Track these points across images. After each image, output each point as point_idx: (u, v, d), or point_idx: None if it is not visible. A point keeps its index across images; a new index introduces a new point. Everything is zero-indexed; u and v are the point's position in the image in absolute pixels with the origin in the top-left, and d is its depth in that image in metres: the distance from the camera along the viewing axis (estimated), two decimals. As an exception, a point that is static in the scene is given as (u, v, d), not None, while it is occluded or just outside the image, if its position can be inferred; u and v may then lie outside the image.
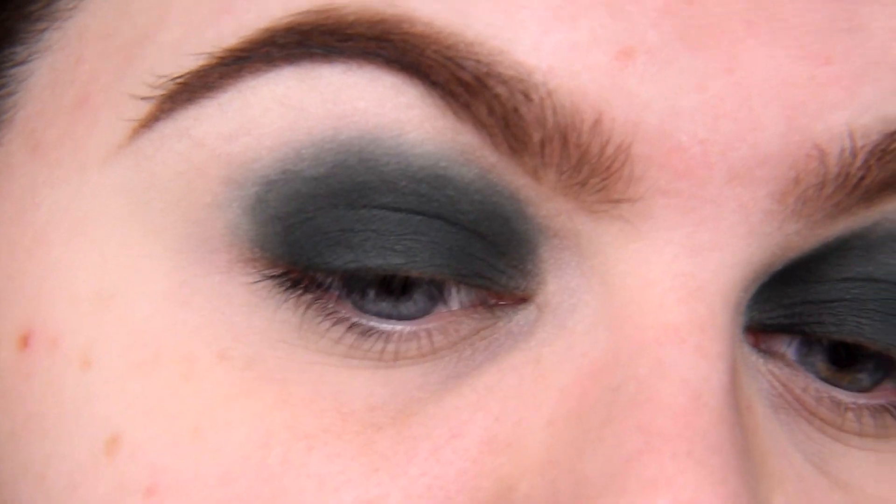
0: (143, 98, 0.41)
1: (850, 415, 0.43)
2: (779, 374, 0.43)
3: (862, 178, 0.40)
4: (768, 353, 0.43)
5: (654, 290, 0.39)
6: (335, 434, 0.39)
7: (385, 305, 0.40)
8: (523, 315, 0.41)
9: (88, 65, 0.42)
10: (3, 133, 0.44)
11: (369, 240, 0.39)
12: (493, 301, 0.41)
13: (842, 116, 0.39)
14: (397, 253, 0.39)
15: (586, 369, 0.40)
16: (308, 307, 0.40)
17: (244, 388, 0.40)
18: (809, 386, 0.43)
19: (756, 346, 0.43)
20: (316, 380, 0.40)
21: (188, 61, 0.40)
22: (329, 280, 0.40)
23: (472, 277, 0.40)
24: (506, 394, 0.40)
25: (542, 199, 0.40)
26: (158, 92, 0.40)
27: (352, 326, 0.40)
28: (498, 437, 0.39)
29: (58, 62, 0.43)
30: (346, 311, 0.40)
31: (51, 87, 0.43)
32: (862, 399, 0.43)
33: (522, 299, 0.41)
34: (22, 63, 0.44)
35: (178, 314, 0.40)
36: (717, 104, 0.39)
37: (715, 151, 0.39)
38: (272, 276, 0.40)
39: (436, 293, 0.40)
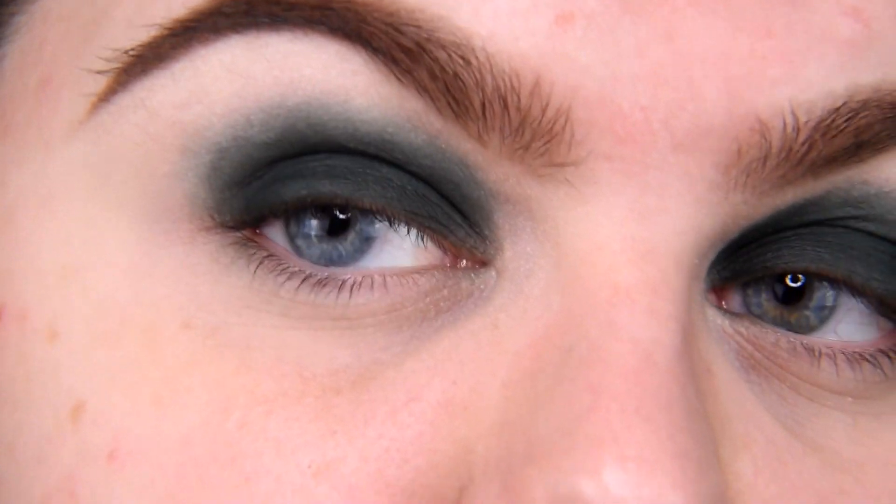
0: (100, 72, 0.41)
1: (825, 362, 0.43)
2: (746, 334, 0.43)
3: (806, 152, 0.40)
4: (734, 314, 0.43)
5: (603, 253, 0.40)
6: (294, 398, 0.40)
7: (327, 248, 0.41)
8: (483, 279, 0.41)
9: (51, 46, 0.43)
10: None
11: (320, 170, 0.40)
12: (453, 262, 0.41)
13: (784, 92, 0.39)
14: (348, 182, 0.40)
15: (541, 332, 0.40)
16: (259, 263, 0.40)
17: (206, 354, 0.40)
18: (780, 339, 0.43)
19: (721, 306, 0.43)
20: (279, 345, 0.40)
21: (140, 33, 0.41)
22: (277, 228, 0.41)
23: (426, 219, 0.40)
24: (463, 358, 0.40)
25: (489, 163, 0.40)
26: (114, 65, 0.41)
27: (306, 278, 0.40)
28: (455, 401, 0.40)
29: (24, 45, 0.44)
30: (297, 264, 0.40)
31: (18, 69, 0.44)
32: (838, 346, 0.43)
33: (483, 262, 0.41)
34: None
35: (142, 285, 0.41)
36: (657, 71, 0.39)
37: (656, 119, 0.39)
38: (232, 245, 0.41)
39: (382, 232, 0.41)
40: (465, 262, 0.41)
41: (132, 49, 0.41)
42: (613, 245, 0.40)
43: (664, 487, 0.37)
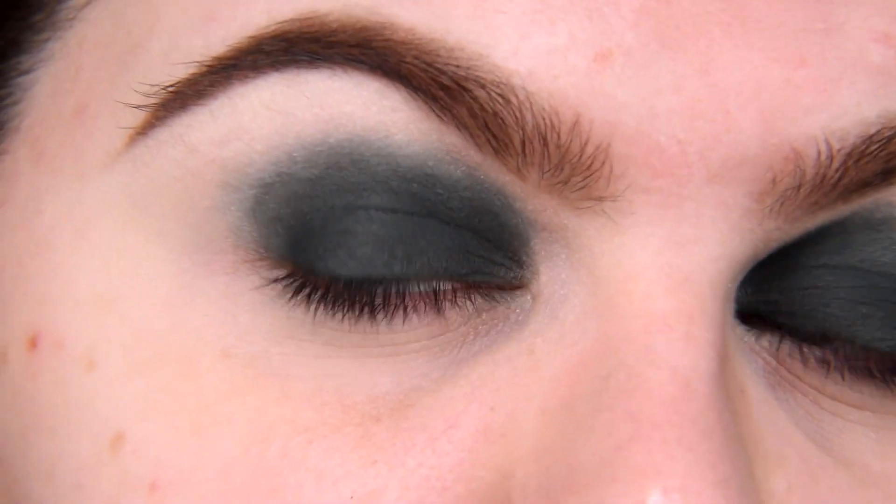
0: (138, 106, 0.42)
1: (834, 374, 0.44)
2: (768, 347, 0.43)
3: (839, 179, 0.40)
4: (756, 331, 0.43)
5: (639, 281, 0.40)
6: (334, 427, 0.40)
7: (393, 304, 0.41)
8: (520, 302, 0.42)
9: (87, 73, 0.44)
10: (10, 141, 0.45)
11: (370, 244, 0.40)
12: (485, 289, 0.42)
13: (818, 120, 0.40)
14: (398, 260, 0.40)
15: (576, 359, 0.41)
16: (317, 307, 0.41)
17: (246, 384, 0.41)
18: (793, 350, 0.43)
19: (751, 325, 0.43)
20: (320, 374, 0.41)
21: (178, 70, 0.41)
22: (333, 285, 0.41)
23: (471, 275, 0.41)
24: (500, 385, 0.41)
25: (527, 195, 0.40)
26: (152, 100, 0.41)
27: (362, 312, 0.41)
28: (493, 427, 0.40)
29: (58, 71, 0.44)
30: (355, 300, 0.41)
31: (52, 95, 0.44)
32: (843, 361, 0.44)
33: (517, 287, 0.42)
34: (27, 72, 0.45)
35: (181, 315, 0.42)
36: (693, 105, 0.39)
37: (693, 151, 0.39)
38: (279, 279, 0.41)
39: (435, 301, 0.41)
40: (500, 289, 0.42)
41: (170, 85, 0.41)
42: (649, 274, 0.40)
43: None
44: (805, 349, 0.44)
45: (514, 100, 0.39)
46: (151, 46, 0.42)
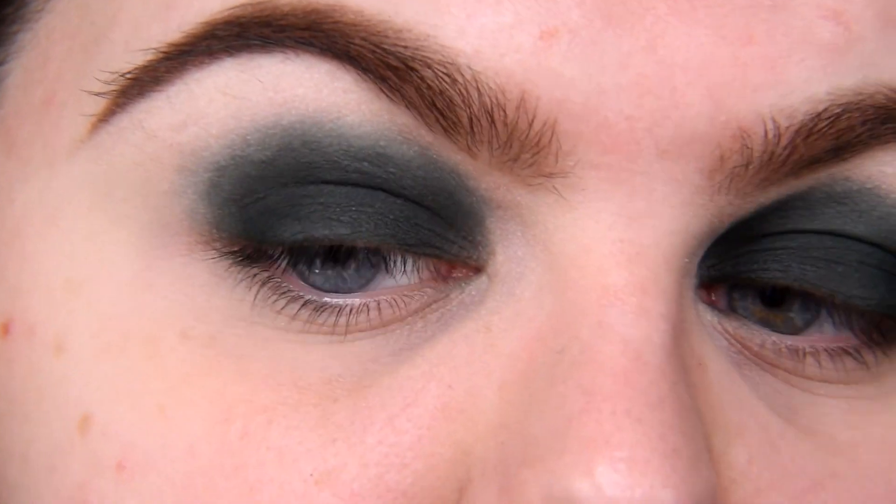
0: (99, 94, 0.42)
1: (809, 359, 0.44)
2: (734, 333, 0.44)
3: (788, 156, 0.41)
4: (722, 311, 0.44)
5: (592, 256, 0.41)
6: (292, 407, 0.41)
7: (331, 275, 0.41)
8: (475, 286, 0.42)
9: (54, 64, 0.44)
10: None
11: (316, 212, 0.41)
12: (446, 273, 0.42)
13: (766, 97, 0.40)
14: (343, 223, 0.41)
15: (533, 334, 0.41)
16: (262, 285, 0.42)
17: (205, 365, 0.42)
18: (766, 340, 0.44)
19: (711, 303, 0.44)
20: (273, 355, 0.42)
21: (137, 57, 0.42)
22: (279, 253, 0.41)
23: (420, 246, 0.41)
24: (457, 362, 0.41)
25: (479, 173, 0.41)
26: (112, 87, 0.42)
27: (305, 303, 0.41)
28: (451, 405, 0.41)
29: (29, 62, 0.45)
30: (298, 287, 0.42)
31: (23, 86, 0.45)
32: (821, 343, 0.44)
33: (476, 269, 0.42)
34: (1, 64, 0.46)
35: (143, 297, 0.42)
36: (640, 82, 0.40)
37: (641, 128, 0.40)
38: (229, 252, 0.42)
39: (378, 262, 0.42)
40: (458, 272, 0.42)
41: (129, 72, 0.42)
42: (602, 248, 0.41)
43: (655, 487, 0.38)
44: (775, 339, 0.44)
45: (460, 79, 0.39)
46: (113, 35, 0.43)
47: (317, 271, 0.42)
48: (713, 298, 0.44)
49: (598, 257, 0.41)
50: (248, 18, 0.40)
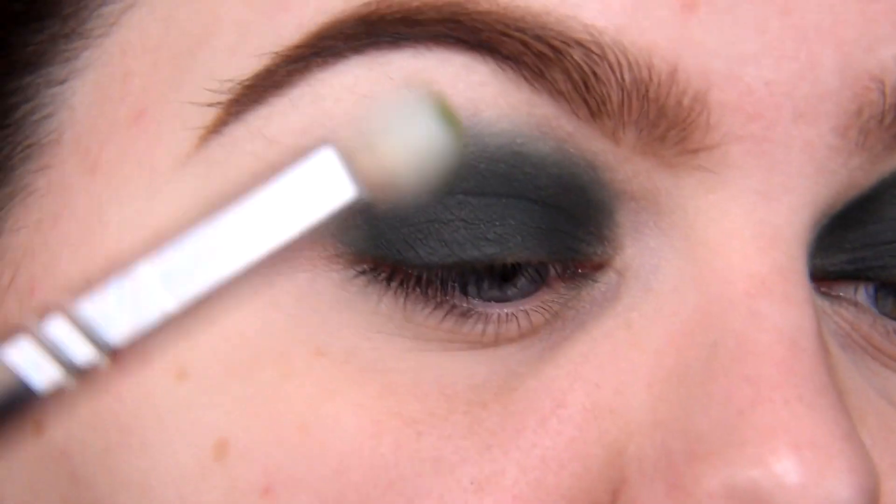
0: (208, 105, 0.41)
1: None
2: (845, 315, 0.44)
3: None
4: (832, 297, 0.44)
5: (735, 241, 0.40)
6: (442, 417, 0.40)
7: (489, 290, 0.40)
8: (603, 282, 0.41)
9: (138, 79, 0.42)
10: (51, 155, 0.44)
11: (460, 230, 0.39)
12: (570, 271, 0.41)
13: (890, 49, 0.41)
14: (490, 242, 0.39)
15: (678, 328, 0.40)
16: (406, 297, 0.40)
17: (345, 380, 0.40)
18: (877, 321, 0.44)
19: (819, 290, 0.43)
20: (416, 366, 0.40)
21: (251, 62, 0.40)
22: (424, 273, 0.40)
23: (562, 252, 0.40)
24: (601, 361, 0.40)
25: (619, 161, 0.40)
26: (224, 97, 0.40)
27: (451, 309, 0.40)
28: (600, 404, 0.40)
29: (102, 79, 0.43)
30: (447, 295, 0.40)
31: (99, 104, 0.43)
32: None
33: (599, 265, 0.41)
34: (61, 83, 0.44)
35: (269, 316, 0.41)
36: (777, 46, 0.40)
37: (780, 92, 0.40)
38: (362, 272, 0.40)
39: (536, 276, 0.41)
40: (583, 268, 0.41)
41: (245, 79, 0.40)
42: (744, 232, 0.40)
43: (842, 471, 0.38)
44: (879, 322, 0.44)
45: (611, 57, 0.38)
46: (214, 43, 0.41)
47: (472, 286, 0.40)
48: (822, 287, 0.44)
49: (741, 243, 0.40)
50: (378, 16, 0.39)
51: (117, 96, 0.43)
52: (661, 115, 0.39)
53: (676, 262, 0.41)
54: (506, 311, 0.40)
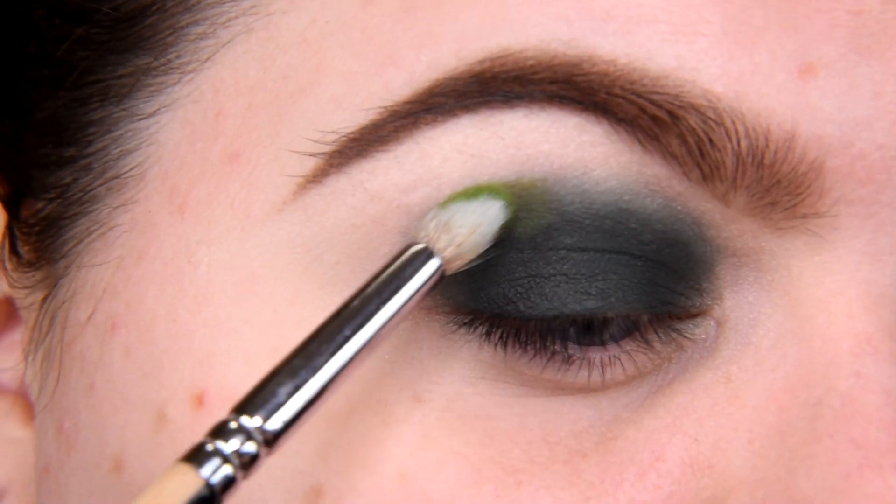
0: (310, 154, 0.40)
1: None
2: None
3: None
4: None
5: (840, 300, 0.40)
6: (543, 466, 0.40)
7: (586, 336, 0.40)
8: (703, 328, 0.41)
9: (231, 120, 0.42)
10: (137, 190, 0.43)
11: (562, 284, 0.39)
12: (665, 323, 0.41)
13: None
14: (592, 296, 0.39)
15: (779, 384, 0.40)
16: (507, 344, 0.40)
17: (446, 428, 0.40)
18: None
19: None
20: (521, 412, 0.40)
21: (357, 116, 0.40)
22: (524, 326, 0.40)
23: (658, 305, 0.40)
24: (700, 414, 0.40)
25: (727, 221, 0.40)
26: (327, 147, 0.40)
27: (552, 356, 0.40)
28: (699, 459, 0.40)
29: (192, 116, 0.42)
30: (547, 344, 0.40)
31: (188, 142, 0.43)
32: None
33: (697, 314, 0.41)
34: (147, 117, 0.43)
35: (368, 363, 0.40)
36: (891, 109, 0.39)
37: (891, 156, 0.40)
38: (462, 324, 0.40)
39: (631, 326, 0.40)
40: (681, 318, 0.41)
41: (351, 132, 0.39)
42: (850, 291, 0.40)
43: None
44: None
45: (727, 123, 0.38)
46: (318, 92, 0.40)
47: (572, 338, 0.40)
48: None
49: (846, 302, 0.40)
50: (492, 74, 0.38)
51: (209, 135, 0.42)
52: (775, 182, 0.39)
53: (776, 318, 0.41)
54: (608, 354, 0.40)
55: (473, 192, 0.39)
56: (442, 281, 0.39)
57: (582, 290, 0.39)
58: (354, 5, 0.40)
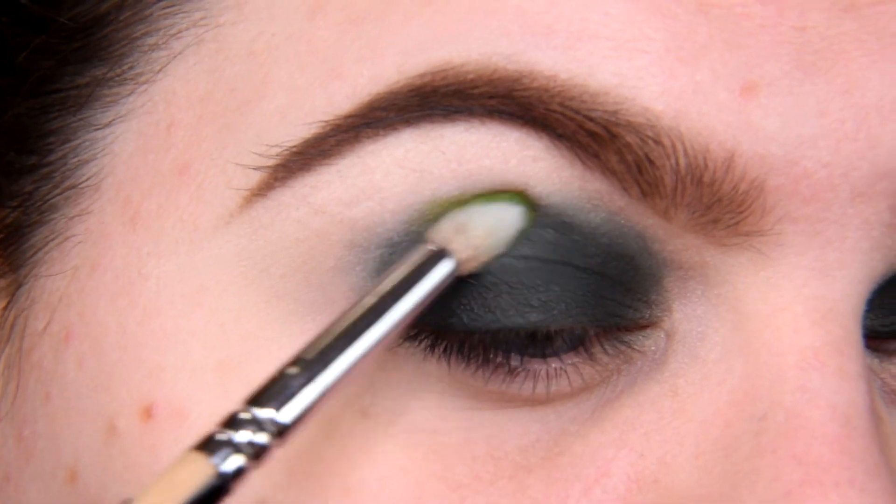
0: (254, 168, 0.40)
1: None
2: (894, 371, 0.43)
3: None
4: (880, 353, 0.43)
5: (786, 315, 0.40)
6: (488, 482, 0.40)
7: (529, 349, 0.40)
8: (652, 340, 0.41)
9: (182, 131, 0.42)
10: (92, 200, 0.43)
11: (503, 295, 0.39)
12: (612, 335, 0.41)
13: None
14: (535, 309, 0.39)
15: (725, 398, 0.40)
16: (450, 357, 0.40)
17: (391, 442, 0.40)
18: None
19: (868, 347, 0.43)
20: (467, 426, 0.40)
21: (300, 129, 0.39)
22: (467, 339, 0.40)
23: (605, 318, 0.40)
24: (647, 429, 0.40)
25: (670, 236, 0.40)
26: (271, 161, 0.40)
27: (496, 369, 0.40)
28: (644, 474, 0.40)
29: (145, 128, 0.42)
30: (490, 357, 0.40)
31: (141, 153, 0.42)
32: None
33: (646, 326, 0.41)
34: (103, 127, 0.43)
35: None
36: (837, 128, 0.39)
37: (838, 174, 0.39)
38: (409, 337, 0.40)
39: (577, 339, 0.40)
40: (630, 330, 0.41)
41: (294, 146, 0.39)
42: (796, 307, 0.40)
43: None
44: None
45: (665, 141, 0.38)
46: (263, 105, 0.40)
47: (515, 350, 0.40)
48: (874, 345, 0.43)
49: (792, 317, 0.40)
50: (432, 88, 0.38)
51: (161, 147, 0.42)
52: (715, 200, 0.39)
53: (723, 332, 0.40)
54: (552, 366, 0.40)
55: (492, 196, 0.39)
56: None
57: (524, 302, 0.39)
58: (301, 18, 0.40)
